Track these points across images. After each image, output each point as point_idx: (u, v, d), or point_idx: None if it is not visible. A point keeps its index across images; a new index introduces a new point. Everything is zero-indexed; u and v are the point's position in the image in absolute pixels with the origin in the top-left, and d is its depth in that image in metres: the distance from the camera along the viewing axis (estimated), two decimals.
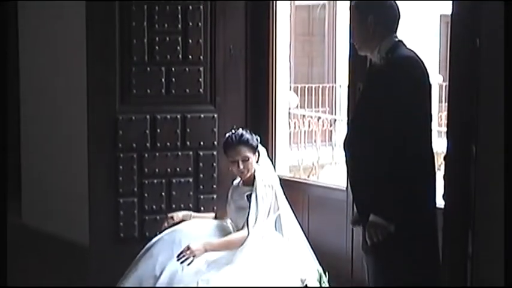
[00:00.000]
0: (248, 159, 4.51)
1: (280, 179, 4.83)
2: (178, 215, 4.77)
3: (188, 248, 4.19)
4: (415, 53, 3.57)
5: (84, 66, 5.31)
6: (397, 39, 3.63)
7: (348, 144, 3.73)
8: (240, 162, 4.50)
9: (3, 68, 3.97)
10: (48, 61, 6.28)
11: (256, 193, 4.46)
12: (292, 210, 4.73)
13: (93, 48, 5.26)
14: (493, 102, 3.53)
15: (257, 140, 4.59)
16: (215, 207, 5.22)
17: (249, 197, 4.50)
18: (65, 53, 6.04)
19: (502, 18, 3.44)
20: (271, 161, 5.24)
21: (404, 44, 3.62)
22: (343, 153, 3.78)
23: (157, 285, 4.21)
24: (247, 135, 4.55)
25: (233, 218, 4.66)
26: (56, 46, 6.15)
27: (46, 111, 6.40)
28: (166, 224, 4.69)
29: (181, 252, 4.20)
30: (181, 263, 4.19)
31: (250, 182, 4.55)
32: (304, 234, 4.77)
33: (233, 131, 4.60)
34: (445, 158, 3.75)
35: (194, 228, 4.61)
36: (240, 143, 4.51)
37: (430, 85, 3.61)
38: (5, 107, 3.89)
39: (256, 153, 4.58)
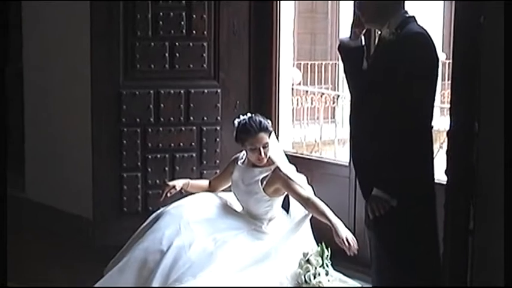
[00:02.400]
0: (267, 145, 4.51)
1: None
2: (178, 183, 4.77)
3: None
4: (425, 30, 3.56)
5: (88, 41, 5.32)
6: (407, 15, 3.62)
7: (354, 119, 3.75)
8: (261, 149, 4.49)
9: (4, 45, 3.96)
10: (52, 35, 6.27)
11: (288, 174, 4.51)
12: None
13: (97, 23, 5.27)
14: (496, 79, 3.54)
15: (269, 123, 4.60)
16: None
17: (262, 182, 4.52)
18: (70, 27, 6.03)
19: None
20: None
21: (415, 20, 3.61)
22: (349, 129, 3.81)
23: (163, 260, 4.21)
24: (264, 121, 4.54)
25: (242, 199, 4.67)
26: (61, 21, 6.14)
27: (50, 85, 6.40)
28: (169, 195, 4.71)
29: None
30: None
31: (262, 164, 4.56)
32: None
33: (245, 117, 4.57)
34: (447, 134, 3.75)
35: (200, 203, 4.63)
36: (261, 131, 4.49)
37: (437, 63, 3.61)
38: (3, 81, 3.88)
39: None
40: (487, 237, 3.60)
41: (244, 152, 4.67)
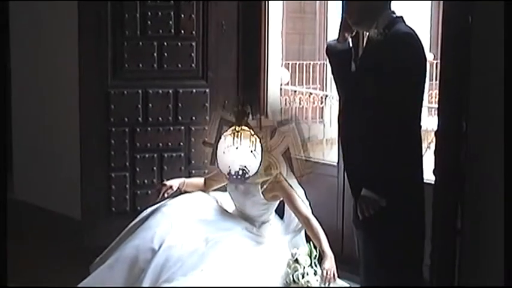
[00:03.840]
0: None
1: None
2: (175, 183, 4.70)
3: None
4: (412, 30, 3.56)
5: (76, 41, 5.31)
6: (395, 15, 3.62)
7: (343, 119, 3.75)
8: None
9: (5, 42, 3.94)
10: (40, 35, 6.26)
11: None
12: None
13: (85, 22, 5.26)
14: (485, 79, 3.55)
15: None
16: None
17: (262, 186, 4.50)
18: (57, 27, 6.02)
19: None
20: None
21: (403, 20, 3.61)
22: (338, 129, 3.81)
23: (155, 259, 4.17)
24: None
25: (238, 200, 4.62)
26: (49, 20, 6.13)
27: (38, 85, 6.39)
28: (166, 195, 4.65)
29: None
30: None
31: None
32: None
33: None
34: (435, 134, 3.77)
35: (191, 203, 4.60)
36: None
37: (425, 63, 3.62)
38: (5, 79, 3.86)
39: None
40: (479, 237, 3.61)
41: None
